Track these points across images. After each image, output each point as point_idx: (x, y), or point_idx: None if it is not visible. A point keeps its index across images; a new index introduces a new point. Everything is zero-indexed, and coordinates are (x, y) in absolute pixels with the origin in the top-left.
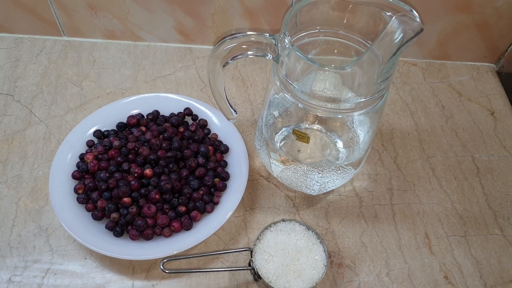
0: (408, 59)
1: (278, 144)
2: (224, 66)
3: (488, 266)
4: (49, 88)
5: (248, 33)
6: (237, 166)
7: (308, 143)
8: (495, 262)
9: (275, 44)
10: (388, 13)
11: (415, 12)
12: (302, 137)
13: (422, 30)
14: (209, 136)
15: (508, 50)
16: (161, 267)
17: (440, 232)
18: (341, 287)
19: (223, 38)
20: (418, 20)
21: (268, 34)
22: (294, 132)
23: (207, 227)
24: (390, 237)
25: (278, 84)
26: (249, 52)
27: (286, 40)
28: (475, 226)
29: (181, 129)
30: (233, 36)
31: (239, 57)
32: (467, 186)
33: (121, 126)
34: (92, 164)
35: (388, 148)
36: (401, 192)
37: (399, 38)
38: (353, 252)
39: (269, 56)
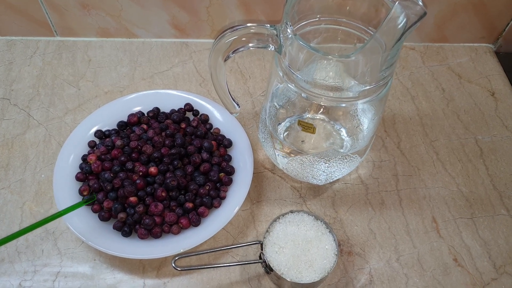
0: (406, 43)
1: (282, 136)
2: (225, 60)
3: (496, 247)
4: (45, 90)
5: (248, 24)
6: (242, 159)
7: (314, 133)
8: (503, 242)
9: (276, 35)
10: None
11: None
12: (308, 127)
13: (425, 13)
14: (211, 131)
15: (506, 30)
16: (173, 264)
17: (447, 215)
18: (352, 275)
19: (223, 31)
20: (420, 3)
21: (269, 25)
22: (300, 123)
23: (215, 222)
24: (398, 222)
25: (281, 74)
26: (250, 44)
27: (288, 30)
28: (482, 207)
29: (183, 125)
30: (233, 29)
31: (240, 50)
32: (471, 168)
33: (122, 125)
34: (95, 165)
35: (391, 134)
36: (406, 178)
37: (402, 23)
38: (362, 240)
39: (271, 47)
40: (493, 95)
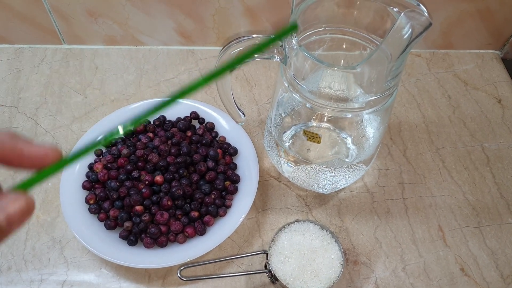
0: (411, 50)
1: (287, 144)
2: (231, 71)
3: (504, 256)
4: (53, 98)
5: (254, 35)
6: (247, 168)
7: (320, 143)
8: (511, 252)
9: (281, 46)
10: (395, 9)
11: (422, 7)
12: (313, 137)
13: (431, 24)
14: (217, 139)
15: None
16: (178, 274)
17: (453, 224)
18: (357, 284)
19: (229, 42)
20: (426, 14)
21: (274, 36)
22: (305, 132)
23: (221, 231)
24: (403, 231)
25: (286, 85)
26: (256, 55)
27: (293, 41)
28: (488, 216)
29: (189, 134)
30: (238, 40)
31: (246, 61)
32: (478, 176)
33: (128, 133)
34: (101, 174)
35: (396, 142)
36: (412, 186)
37: (407, 34)
38: (368, 249)
39: (276, 58)
40: (499, 102)
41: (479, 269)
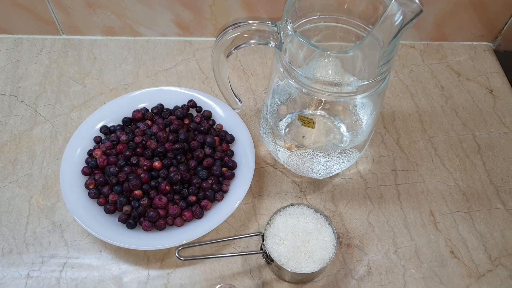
0: (405, 41)
1: (283, 131)
2: (227, 56)
3: (492, 239)
4: (52, 87)
5: (250, 22)
6: (244, 155)
7: (314, 128)
8: (499, 235)
9: (277, 32)
10: None
11: None
12: (308, 122)
13: (421, 11)
14: (214, 127)
15: (505, 28)
16: (176, 254)
17: (444, 209)
18: (350, 266)
19: (226, 28)
20: (417, 1)
21: (270, 22)
22: (300, 118)
23: (217, 215)
24: (396, 216)
25: (282, 71)
26: (252, 41)
27: (288, 27)
28: (478, 201)
29: (186, 121)
30: (235, 25)
31: (242, 46)
32: (469, 164)
33: (126, 121)
34: (101, 160)
35: (390, 131)
36: (405, 173)
37: (399, 20)
38: (361, 233)
39: (271, 43)
40: (491, 92)
41: (468, 252)
